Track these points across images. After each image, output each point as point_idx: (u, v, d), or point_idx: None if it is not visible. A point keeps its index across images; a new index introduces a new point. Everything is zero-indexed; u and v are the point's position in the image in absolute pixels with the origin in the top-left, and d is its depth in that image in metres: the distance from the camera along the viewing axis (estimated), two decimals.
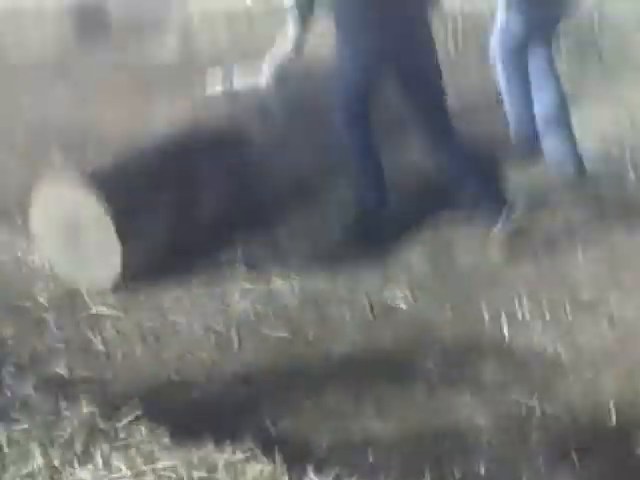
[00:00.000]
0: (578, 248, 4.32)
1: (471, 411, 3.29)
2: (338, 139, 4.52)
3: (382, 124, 4.53)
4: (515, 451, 3.08)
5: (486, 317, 3.84)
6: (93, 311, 4.03)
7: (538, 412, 3.26)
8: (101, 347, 3.78)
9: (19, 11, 7.81)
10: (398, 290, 4.07)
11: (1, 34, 7.66)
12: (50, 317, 4.00)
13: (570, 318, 3.82)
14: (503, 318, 3.82)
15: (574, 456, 3.02)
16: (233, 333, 3.84)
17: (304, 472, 2.67)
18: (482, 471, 2.98)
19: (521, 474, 2.96)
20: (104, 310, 4.04)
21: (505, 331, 3.74)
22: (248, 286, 4.19)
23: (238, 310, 4.01)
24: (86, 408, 3.07)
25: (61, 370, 3.62)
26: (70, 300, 4.12)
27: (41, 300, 4.12)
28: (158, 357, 3.72)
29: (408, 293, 4.06)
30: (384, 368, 3.57)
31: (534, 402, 3.31)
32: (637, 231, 4.42)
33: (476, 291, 4.04)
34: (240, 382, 3.53)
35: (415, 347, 3.69)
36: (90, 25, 7.88)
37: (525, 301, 3.94)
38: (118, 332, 3.88)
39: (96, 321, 3.97)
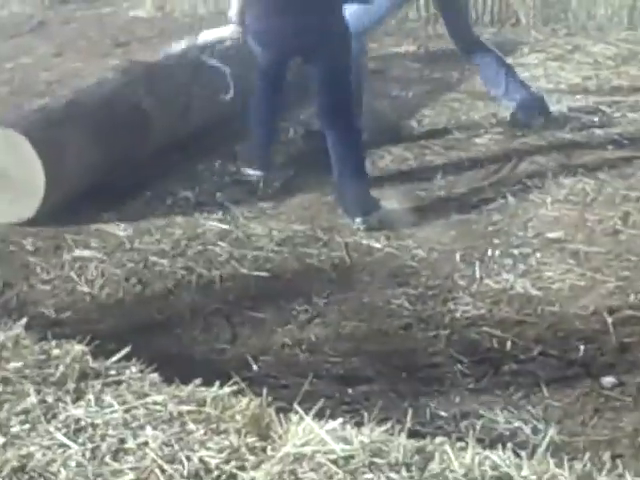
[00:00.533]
0: (545, 189, 4.54)
1: (445, 345, 3.44)
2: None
3: None
4: (488, 382, 3.24)
5: (457, 257, 4.00)
6: (77, 254, 4.13)
7: (509, 344, 3.42)
8: (86, 289, 3.88)
9: None
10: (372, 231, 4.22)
11: None
12: (35, 261, 4.10)
13: (538, 255, 3.98)
14: (475, 257, 3.99)
15: (543, 387, 3.18)
16: (214, 274, 3.95)
17: (289, 406, 2.78)
18: (457, 400, 3.13)
19: (493, 404, 3.12)
20: (87, 253, 4.14)
21: (477, 268, 3.90)
22: (226, 228, 4.30)
23: (216, 252, 4.13)
24: (77, 347, 3.16)
25: (48, 312, 3.72)
26: (54, 244, 4.21)
27: (26, 244, 4.22)
28: (141, 298, 3.83)
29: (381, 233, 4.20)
30: (361, 305, 3.71)
31: (505, 335, 3.46)
32: (599, 172, 4.69)
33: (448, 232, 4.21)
34: (223, 320, 3.66)
35: (390, 285, 3.83)
36: None
37: (495, 240, 4.10)
38: (102, 274, 3.98)
39: (80, 264, 4.06)
